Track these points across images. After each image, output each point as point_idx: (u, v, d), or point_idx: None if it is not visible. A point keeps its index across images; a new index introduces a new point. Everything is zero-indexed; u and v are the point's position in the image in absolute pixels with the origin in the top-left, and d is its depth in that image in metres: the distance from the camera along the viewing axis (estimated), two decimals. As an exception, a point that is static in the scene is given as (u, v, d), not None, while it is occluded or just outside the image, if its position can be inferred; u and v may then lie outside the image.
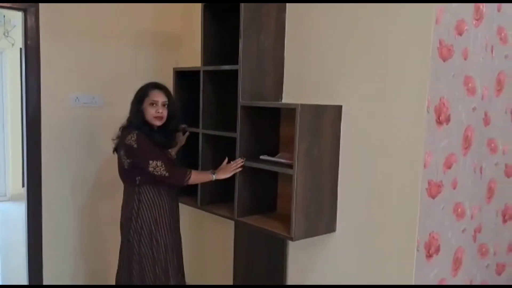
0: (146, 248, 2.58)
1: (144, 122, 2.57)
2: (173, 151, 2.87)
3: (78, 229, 3.29)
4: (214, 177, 2.59)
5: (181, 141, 2.94)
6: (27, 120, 3.06)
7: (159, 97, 2.58)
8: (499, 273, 2.98)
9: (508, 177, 2.88)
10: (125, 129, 2.59)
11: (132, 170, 2.55)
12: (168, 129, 2.68)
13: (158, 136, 2.60)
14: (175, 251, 2.71)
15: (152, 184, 2.57)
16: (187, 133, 2.93)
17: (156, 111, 2.56)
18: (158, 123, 2.59)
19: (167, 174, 2.50)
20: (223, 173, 2.58)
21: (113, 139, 2.64)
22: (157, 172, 2.48)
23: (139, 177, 2.55)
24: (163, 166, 2.48)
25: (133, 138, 2.48)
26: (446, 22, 2.12)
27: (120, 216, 2.67)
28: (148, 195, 2.59)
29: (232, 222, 2.94)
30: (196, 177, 2.60)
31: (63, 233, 3.24)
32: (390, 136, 2.23)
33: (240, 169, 2.57)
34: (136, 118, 2.57)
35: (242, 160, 2.57)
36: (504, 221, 2.93)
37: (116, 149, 2.63)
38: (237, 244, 3.08)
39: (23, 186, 3.27)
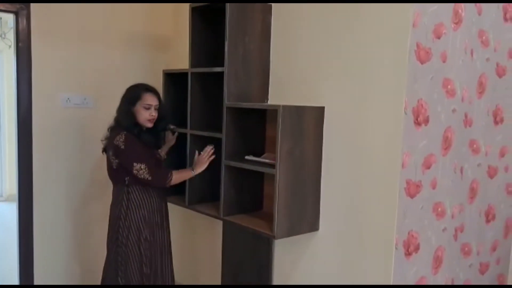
0: (134, 246, 2.63)
1: (135, 124, 2.61)
2: (162, 151, 2.93)
3: (70, 230, 3.33)
4: (194, 172, 2.66)
5: (170, 140, 2.99)
6: (19, 121, 3.11)
7: (153, 101, 2.62)
8: (482, 272, 3.02)
9: (491, 177, 2.93)
10: (114, 130, 2.63)
11: (120, 170, 2.60)
12: (156, 130, 2.73)
13: (147, 136, 2.65)
14: (164, 251, 2.76)
15: (140, 184, 2.62)
16: (176, 133, 2.99)
17: (150, 114, 2.61)
18: (150, 125, 2.64)
19: (149, 178, 2.55)
20: (200, 166, 2.67)
21: (102, 140, 2.69)
22: (140, 175, 2.54)
23: (128, 177, 2.60)
24: (146, 169, 2.53)
25: (121, 139, 2.53)
26: (424, 25, 2.17)
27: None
28: (137, 195, 2.64)
29: (221, 221, 3.00)
30: (178, 176, 2.65)
31: (55, 234, 3.28)
32: (370, 136, 2.28)
33: (213, 156, 2.65)
34: (127, 119, 2.60)
35: (211, 147, 2.66)
36: (488, 221, 2.98)
37: (105, 149, 2.68)
38: (225, 242, 3.13)
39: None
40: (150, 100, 2.61)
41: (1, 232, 5.31)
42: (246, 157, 2.67)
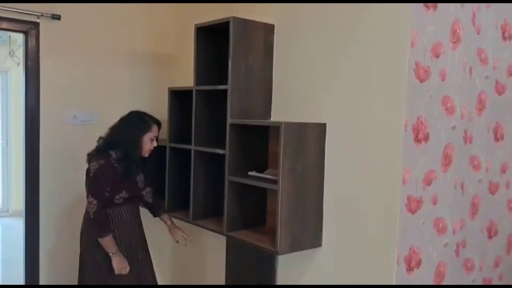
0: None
1: (140, 155, 2.69)
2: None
3: (75, 247, 3.36)
4: (111, 255, 2.59)
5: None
6: (26, 137, 3.18)
7: (157, 133, 2.75)
8: (485, 288, 3.02)
9: (492, 193, 2.95)
10: (99, 152, 2.65)
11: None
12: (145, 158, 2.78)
13: (135, 167, 2.69)
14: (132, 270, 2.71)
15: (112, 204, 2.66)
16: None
17: (153, 146, 2.72)
18: (147, 155, 2.74)
19: (91, 216, 2.55)
20: (115, 263, 2.60)
21: (88, 154, 2.72)
22: (88, 208, 2.56)
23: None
24: (95, 206, 2.54)
25: (95, 167, 2.58)
26: (422, 45, 2.23)
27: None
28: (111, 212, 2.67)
29: (225, 237, 3.03)
30: (106, 241, 2.59)
31: (61, 251, 3.32)
32: (371, 153, 2.32)
33: (124, 272, 2.62)
34: (133, 148, 2.65)
35: (126, 270, 2.63)
36: (490, 237, 2.99)
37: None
38: (228, 258, 3.15)
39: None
40: (156, 132, 2.74)
41: (7, 247, 5.35)
42: (249, 173, 2.71)
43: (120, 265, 2.61)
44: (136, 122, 2.70)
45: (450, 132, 2.48)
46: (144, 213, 2.96)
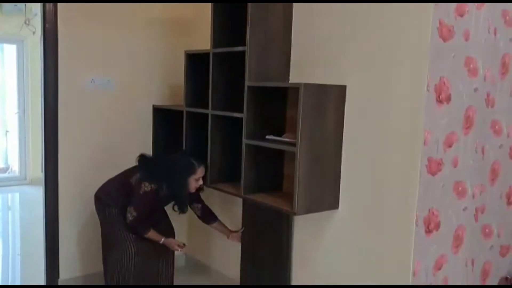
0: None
1: (186, 195, 2.89)
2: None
3: (93, 210, 3.41)
4: (162, 241, 2.87)
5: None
6: (46, 103, 3.19)
7: (203, 173, 2.88)
8: (503, 255, 3.01)
9: (513, 159, 2.91)
10: (152, 175, 2.82)
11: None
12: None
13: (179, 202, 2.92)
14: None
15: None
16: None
17: (199, 184, 2.87)
18: (194, 191, 2.89)
19: (128, 222, 2.79)
20: (168, 245, 2.92)
21: (140, 161, 2.91)
22: (128, 214, 2.78)
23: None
24: (133, 217, 2.77)
25: (147, 188, 2.78)
26: (446, 3, 2.16)
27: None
28: None
29: (240, 202, 3.05)
30: (151, 236, 2.86)
31: (79, 215, 3.37)
32: (392, 114, 2.29)
33: (180, 251, 2.99)
34: (181, 190, 2.84)
35: (183, 246, 2.94)
36: (509, 203, 2.96)
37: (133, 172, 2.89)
38: (244, 222, 3.17)
39: (42, 171, 3.41)
40: (202, 173, 2.87)
41: (26, 214, 5.46)
42: (267, 136, 2.70)
43: (173, 245, 2.91)
44: (185, 166, 2.84)
45: (472, 94, 2.44)
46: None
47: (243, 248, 3.22)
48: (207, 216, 3.13)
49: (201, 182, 2.87)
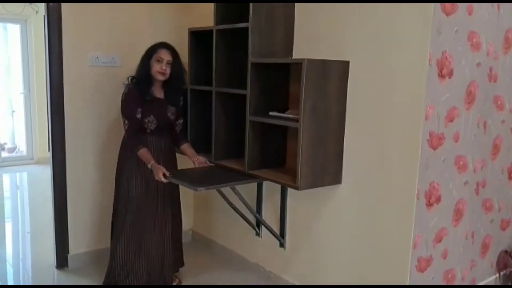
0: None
1: (148, 76, 2.84)
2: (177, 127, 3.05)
3: (100, 186, 3.46)
4: (149, 166, 2.78)
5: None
6: (51, 82, 3.21)
7: (165, 56, 2.83)
8: (503, 228, 3.06)
9: (515, 134, 2.93)
10: (129, 80, 2.89)
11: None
12: (170, 86, 2.91)
13: (148, 89, 2.86)
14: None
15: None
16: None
17: (160, 67, 2.82)
18: (160, 77, 2.85)
19: (126, 136, 2.87)
20: (154, 172, 2.75)
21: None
22: (124, 127, 2.85)
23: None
24: (127, 125, 2.83)
25: (124, 93, 2.85)
26: (449, -24, 2.16)
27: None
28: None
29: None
30: (142, 153, 2.81)
31: (87, 191, 3.41)
32: (394, 89, 2.31)
33: (162, 180, 2.72)
34: (141, 71, 2.85)
35: (168, 175, 2.73)
36: (510, 178, 3.00)
37: None
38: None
39: (49, 150, 3.44)
40: (162, 54, 2.83)
41: (35, 193, 5.54)
42: (270, 113, 2.72)
43: (159, 171, 2.73)
44: (147, 50, 2.88)
45: (474, 69, 2.45)
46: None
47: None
48: (180, 136, 3.08)
49: (164, 66, 2.82)
